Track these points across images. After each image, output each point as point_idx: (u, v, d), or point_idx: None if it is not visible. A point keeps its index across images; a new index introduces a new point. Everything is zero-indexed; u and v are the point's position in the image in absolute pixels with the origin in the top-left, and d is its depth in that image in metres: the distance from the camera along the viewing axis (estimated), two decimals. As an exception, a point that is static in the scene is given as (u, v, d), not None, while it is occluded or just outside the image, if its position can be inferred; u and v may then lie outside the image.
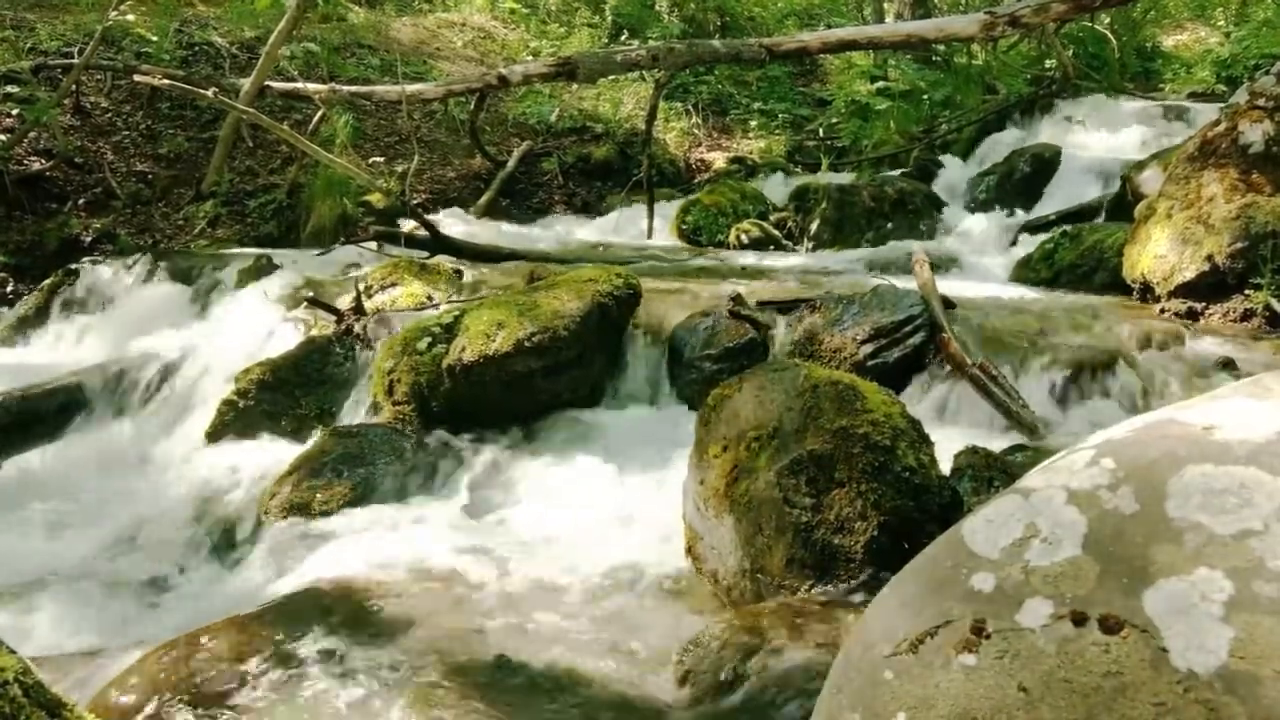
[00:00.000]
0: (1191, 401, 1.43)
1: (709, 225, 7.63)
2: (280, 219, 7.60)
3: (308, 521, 3.23)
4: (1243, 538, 1.15)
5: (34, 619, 2.83)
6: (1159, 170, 5.50)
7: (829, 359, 3.94)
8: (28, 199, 7.10)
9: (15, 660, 1.36)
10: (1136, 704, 1.09)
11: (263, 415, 4.08)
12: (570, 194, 9.13)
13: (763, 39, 8.51)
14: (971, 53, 10.50)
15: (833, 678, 1.38)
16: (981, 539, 1.32)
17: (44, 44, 8.27)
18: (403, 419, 3.92)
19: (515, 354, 3.81)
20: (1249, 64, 9.86)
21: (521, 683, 2.14)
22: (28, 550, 3.35)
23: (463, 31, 11.46)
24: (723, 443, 2.63)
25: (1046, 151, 7.77)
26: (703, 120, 10.56)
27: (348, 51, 9.90)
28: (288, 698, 2.04)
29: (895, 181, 7.73)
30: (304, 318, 4.75)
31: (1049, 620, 1.18)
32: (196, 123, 8.30)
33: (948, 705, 1.19)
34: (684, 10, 12.08)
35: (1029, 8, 6.93)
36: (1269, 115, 4.38)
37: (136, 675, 2.12)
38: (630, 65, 7.84)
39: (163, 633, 2.44)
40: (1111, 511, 1.24)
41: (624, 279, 4.28)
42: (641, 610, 2.58)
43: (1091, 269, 5.29)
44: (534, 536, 3.05)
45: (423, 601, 2.56)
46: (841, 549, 2.37)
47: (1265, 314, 4.17)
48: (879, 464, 2.40)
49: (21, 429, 4.28)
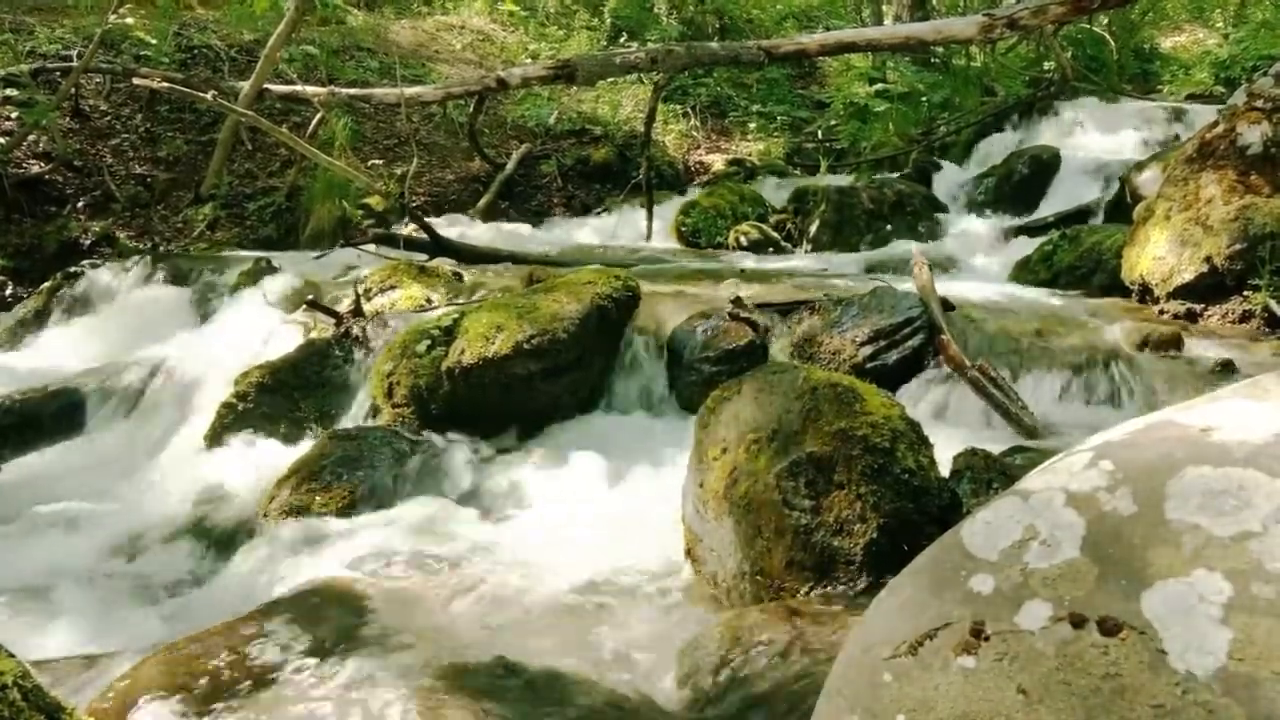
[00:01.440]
0: (1190, 403, 1.43)
1: (708, 227, 7.64)
2: (279, 222, 7.61)
3: (307, 524, 3.22)
4: (1241, 539, 1.16)
5: (33, 622, 2.82)
6: (1157, 172, 5.50)
7: (828, 361, 3.94)
8: (27, 202, 7.10)
9: (14, 664, 1.36)
10: (1135, 706, 1.09)
11: (262, 418, 4.08)
12: (569, 196, 9.14)
13: (761, 41, 8.52)
14: (970, 55, 10.52)
15: (832, 680, 1.38)
16: (980, 541, 1.32)
17: (43, 47, 8.27)
18: (402, 421, 3.92)
19: (514, 356, 3.81)
20: (1247, 65, 9.87)
21: (521, 684, 2.14)
22: (26, 554, 3.34)
23: (461, 34, 11.47)
24: (722, 445, 2.63)
25: (1045, 153, 7.78)
26: (701, 122, 10.57)
27: (346, 54, 9.91)
28: (287, 700, 2.04)
29: (894, 183, 7.74)
30: (303, 320, 4.75)
31: (1048, 622, 1.18)
32: (195, 125, 8.30)
33: (947, 707, 1.19)
34: (682, 13, 12.10)
35: (1027, 9, 6.94)
36: (1267, 117, 4.38)
37: (135, 678, 2.12)
38: (629, 67, 7.85)
39: (162, 636, 2.44)
40: (1110, 513, 1.25)
41: (623, 281, 4.29)
42: (641, 612, 2.58)
43: (1090, 270, 5.29)
44: (533, 539, 3.05)
45: (422, 603, 2.56)
46: (841, 551, 2.37)
47: (1264, 315, 4.17)
48: (878, 466, 2.40)
49: (20, 432, 4.28)
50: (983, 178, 7.96)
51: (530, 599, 2.64)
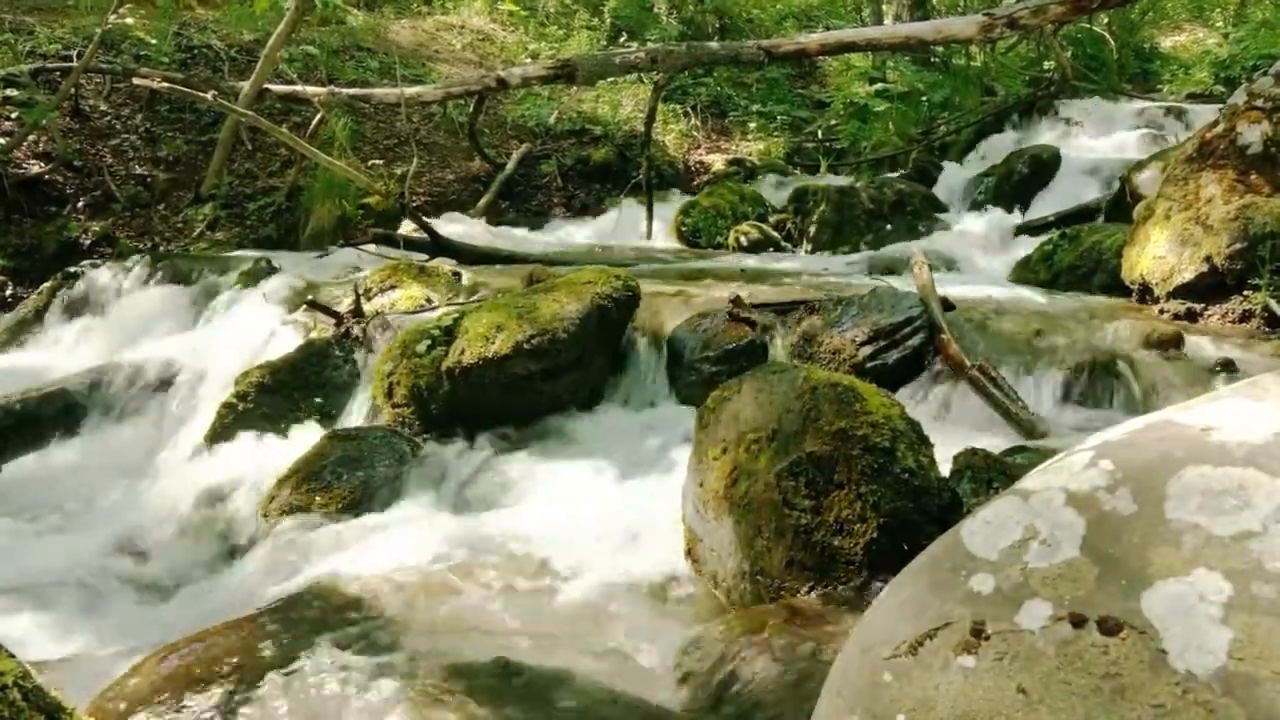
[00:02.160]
0: (1190, 403, 1.43)
1: (708, 227, 7.64)
2: (279, 222, 7.61)
3: (307, 524, 3.22)
4: (1241, 539, 1.16)
5: (33, 622, 2.83)
6: (1157, 171, 5.50)
7: (828, 361, 3.94)
8: (27, 202, 7.10)
9: (15, 664, 1.36)
10: (1135, 705, 1.09)
11: (262, 418, 4.08)
12: (569, 196, 9.14)
13: (761, 41, 8.52)
14: (970, 54, 10.52)
15: (832, 679, 1.38)
16: (981, 541, 1.32)
17: (43, 47, 8.27)
18: (402, 421, 3.92)
19: (514, 356, 3.81)
20: (1247, 65, 9.87)
21: (521, 684, 2.14)
22: (27, 554, 3.35)
23: (461, 34, 11.47)
24: (722, 445, 2.63)
25: (1045, 153, 7.77)
26: (702, 122, 10.57)
27: (347, 54, 9.91)
28: (288, 700, 2.04)
29: (894, 183, 7.74)
30: (303, 320, 4.75)
31: (1048, 622, 1.18)
32: (195, 125, 8.30)
33: (947, 707, 1.19)
34: (682, 12, 12.10)
35: (1027, 9, 6.94)
36: (1267, 116, 4.38)
37: (136, 678, 2.12)
38: (629, 67, 7.86)
39: (162, 636, 2.44)
40: (1110, 513, 1.25)
41: (623, 281, 4.28)
42: (641, 612, 2.58)
43: (1090, 270, 5.29)
44: (534, 539, 3.04)
45: (422, 603, 2.56)
46: (841, 551, 2.37)
47: (1264, 315, 4.17)
48: (878, 466, 2.40)
49: (20, 432, 4.28)
50: (983, 177, 7.95)
51: (530, 599, 2.64)
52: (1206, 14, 14.16)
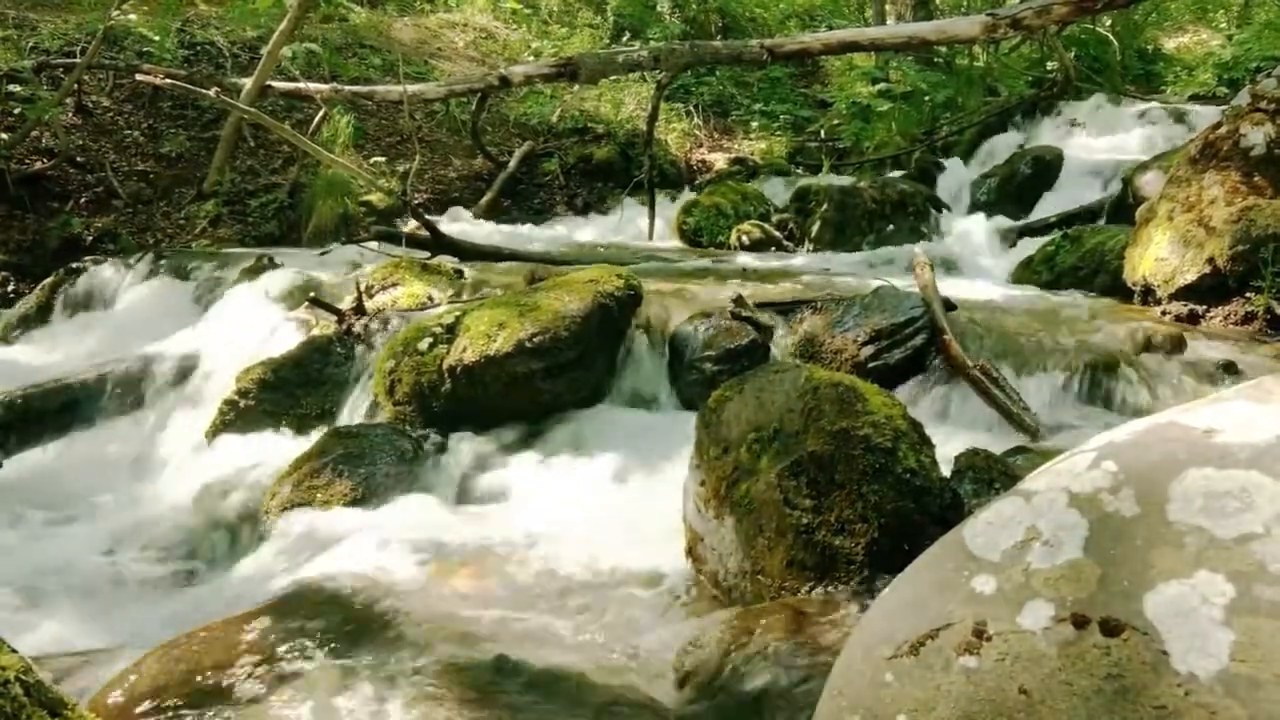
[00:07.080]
0: (1193, 404, 1.43)
1: (710, 226, 7.63)
2: (282, 219, 7.61)
3: (309, 521, 3.22)
4: (1244, 541, 1.16)
5: (35, 618, 2.83)
6: (1160, 173, 5.50)
7: (830, 360, 3.94)
8: (29, 198, 7.10)
9: (17, 659, 1.36)
10: (1137, 707, 1.09)
11: (264, 415, 4.08)
12: (571, 194, 9.14)
13: (764, 40, 8.52)
14: (973, 55, 10.51)
15: (833, 680, 1.38)
16: (982, 541, 1.32)
17: (46, 43, 8.27)
18: (404, 419, 3.92)
19: (516, 354, 3.81)
20: (1250, 66, 9.84)
21: (521, 683, 2.14)
22: (28, 549, 3.35)
23: (464, 32, 11.47)
24: (723, 444, 2.63)
25: (1048, 154, 7.77)
26: (704, 121, 10.57)
27: (349, 51, 9.91)
28: (288, 697, 2.04)
29: (896, 183, 7.73)
30: (305, 317, 4.74)
31: (1050, 623, 1.18)
32: (198, 122, 8.31)
33: (948, 707, 1.19)
34: (685, 11, 12.09)
35: (1031, 10, 6.93)
36: (1270, 118, 4.38)
37: (137, 674, 2.13)
38: (632, 66, 7.86)
39: (163, 632, 2.44)
40: (1113, 514, 1.24)
41: (625, 280, 4.28)
42: (641, 611, 2.58)
43: (1093, 271, 5.29)
44: (534, 537, 3.04)
45: (423, 601, 2.56)
46: (842, 551, 2.37)
47: (1266, 317, 4.17)
48: (880, 466, 2.40)
49: (22, 428, 4.28)
50: (985, 178, 7.95)
51: (531, 597, 2.64)
52: (1210, 15, 14.14)
